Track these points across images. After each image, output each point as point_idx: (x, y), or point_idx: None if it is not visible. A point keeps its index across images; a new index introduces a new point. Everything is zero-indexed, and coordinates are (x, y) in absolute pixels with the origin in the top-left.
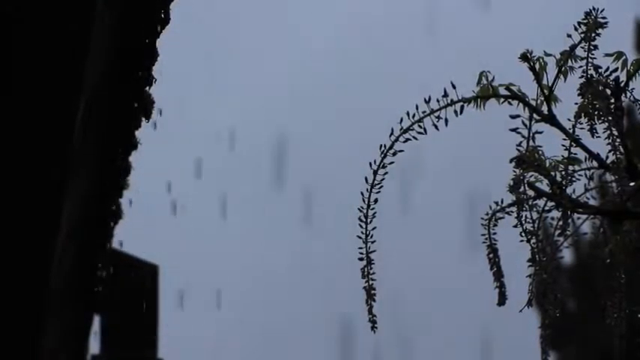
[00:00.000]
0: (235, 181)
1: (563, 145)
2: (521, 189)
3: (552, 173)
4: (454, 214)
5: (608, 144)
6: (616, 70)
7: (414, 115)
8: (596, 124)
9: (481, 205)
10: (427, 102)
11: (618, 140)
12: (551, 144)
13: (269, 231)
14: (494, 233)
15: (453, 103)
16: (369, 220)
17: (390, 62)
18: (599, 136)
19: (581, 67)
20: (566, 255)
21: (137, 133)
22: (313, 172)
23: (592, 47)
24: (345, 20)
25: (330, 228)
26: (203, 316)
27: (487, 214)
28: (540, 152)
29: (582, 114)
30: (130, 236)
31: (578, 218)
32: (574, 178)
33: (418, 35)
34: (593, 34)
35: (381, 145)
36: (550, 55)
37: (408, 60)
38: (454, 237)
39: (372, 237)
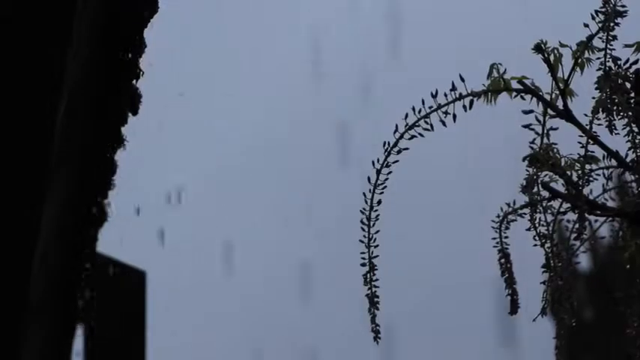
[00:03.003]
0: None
1: (580, 143)
2: (535, 189)
3: (568, 172)
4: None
5: (628, 141)
6: (636, 62)
7: (419, 111)
8: (614, 119)
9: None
10: (434, 96)
11: (638, 137)
12: (567, 141)
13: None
14: (506, 237)
15: (461, 97)
16: (371, 223)
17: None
18: (618, 133)
19: (598, 58)
20: (583, 260)
21: (123, 129)
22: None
23: (610, 38)
24: None
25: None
26: (195, 324)
27: (498, 216)
28: (555, 150)
29: (600, 109)
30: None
31: (596, 221)
32: (591, 178)
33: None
34: (611, 24)
35: (384, 143)
36: (566, 46)
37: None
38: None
39: (375, 241)
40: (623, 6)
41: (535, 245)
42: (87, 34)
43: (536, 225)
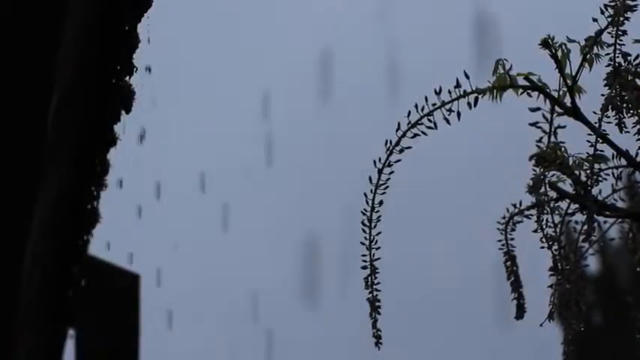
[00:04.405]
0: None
1: (589, 141)
2: (542, 190)
3: (576, 172)
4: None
5: (638, 139)
6: None
7: (422, 108)
8: (624, 117)
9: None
10: (438, 93)
11: None
12: (575, 140)
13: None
14: (512, 239)
15: (466, 94)
16: (373, 225)
17: None
18: (628, 131)
19: (608, 54)
20: (592, 263)
21: (116, 127)
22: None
23: (620, 32)
24: None
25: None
26: (188, 330)
27: (504, 217)
28: (563, 149)
29: (609, 106)
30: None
31: (605, 222)
32: (600, 178)
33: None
34: (621, 18)
35: (386, 141)
36: (574, 41)
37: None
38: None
39: (376, 243)
40: (633, 0)
41: (542, 247)
42: (79, 29)
43: (544, 226)
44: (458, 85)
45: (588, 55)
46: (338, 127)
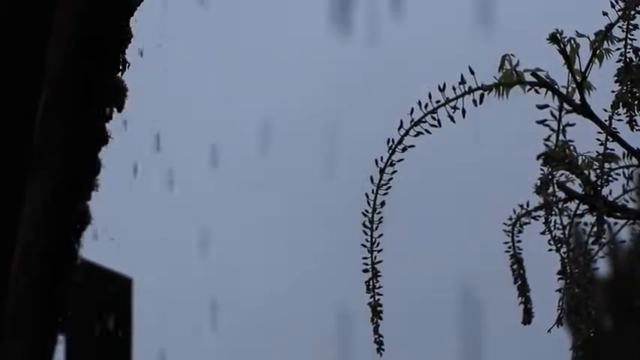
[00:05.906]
0: None
1: (598, 140)
2: (550, 190)
3: (586, 172)
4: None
5: None
6: None
7: (426, 106)
8: (635, 115)
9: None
10: (442, 90)
11: None
12: (585, 138)
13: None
14: (519, 241)
15: (471, 91)
16: (374, 226)
17: None
18: (639, 129)
19: (618, 49)
20: (602, 266)
21: (107, 126)
22: None
23: (631, 27)
24: None
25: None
26: (185, 334)
27: (510, 218)
28: (572, 148)
29: (620, 103)
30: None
31: (616, 223)
32: (610, 178)
33: None
34: (632, 12)
35: (388, 140)
36: (583, 35)
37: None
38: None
39: (378, 245)
40: None
41: (550, 250)
42: (69, 23)
43: (552, 228)
44: (462, 82)
45: (598, 51)
46: None
